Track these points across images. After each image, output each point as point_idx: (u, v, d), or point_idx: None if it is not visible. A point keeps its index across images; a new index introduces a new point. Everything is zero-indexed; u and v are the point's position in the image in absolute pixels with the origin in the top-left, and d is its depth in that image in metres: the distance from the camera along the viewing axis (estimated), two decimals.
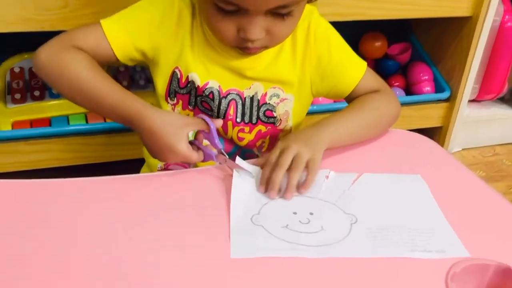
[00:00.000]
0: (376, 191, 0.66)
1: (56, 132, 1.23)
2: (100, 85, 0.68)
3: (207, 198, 0.63)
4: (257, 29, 0.64)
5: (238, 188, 0.63)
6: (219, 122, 0.71)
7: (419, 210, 0.63)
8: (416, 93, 1.57)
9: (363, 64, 0.80)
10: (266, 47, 0.69)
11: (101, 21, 0.72)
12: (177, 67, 0.74)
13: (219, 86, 0.75)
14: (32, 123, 1.25)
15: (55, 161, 1.26)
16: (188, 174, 0.69)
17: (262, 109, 0.77)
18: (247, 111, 0.77)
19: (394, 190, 0.66)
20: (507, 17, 1.47)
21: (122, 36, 0.71)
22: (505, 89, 1.62)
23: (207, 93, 0.74)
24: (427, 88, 1.56)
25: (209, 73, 0.74)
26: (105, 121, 1.28)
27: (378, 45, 1.63)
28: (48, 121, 1.27)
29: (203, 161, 0.68)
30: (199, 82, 0.74)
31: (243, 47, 0.68)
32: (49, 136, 1.23)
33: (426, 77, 1.57)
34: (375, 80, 0.81)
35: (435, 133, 1.65)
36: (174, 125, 0.65)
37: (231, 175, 0.65)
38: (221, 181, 0.66)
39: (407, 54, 1.62)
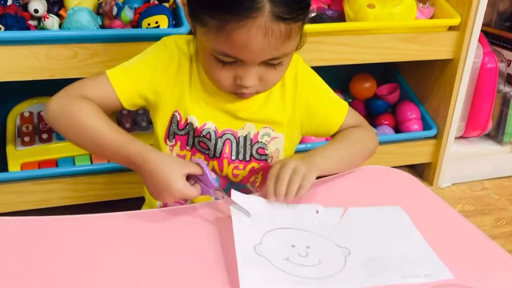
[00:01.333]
0: (363, 224, 0.71)
1: (63, 173, 1.30)
2: (105, 131, 0.73)
3: (207, 232, 0.67)
4: (252, 77, 0.73)
5: (239, 221, 0.67)
6: (214, 175, 0.77)
7: (403, 238, 0.68)
8: (405, 131, 1.63)
9: (345, 104, 0.90)
10: (257, 92, 0.78)
11: (107, 71, 0.78)
12: (176, 111, 0.81)
13: (215, 127, 0.81)
14: (40, 164, 1.32)
15: (62, 200, 1.31)
16: (186, 210, 0.74)
17: (255, 147, 0.84)
18: (241, 150, 0.83)
19: (379, 222, 0.72)
20: (486, 59, 1.56)
21: (127, 85, 0.78)
22: (490, 126, 1.68)
23: (205, 134, 0.81)
24: (415, 126, 1.63)
25: (206, 115, 0.81)
26: (108, 161, 1.35)
27: (367, 86, 1.72)
28: (55, 162, 1.34)
29: (201, 194, 0.72)
30: (197, 124, 0.81)
31: (238, 93, 0.76)
32: (56, 176, 1.29)
33: (414, 116, 1.63)
34: (356, 117, 0.91)
35: (425, 169, 1.71)
36: (172, 166, 0.70)
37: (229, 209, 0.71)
38: (220, 215, 0.71)
39: (396, 94, 1.70)
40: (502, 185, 1.72)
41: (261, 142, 0.84)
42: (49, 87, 1.34)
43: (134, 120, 1.45)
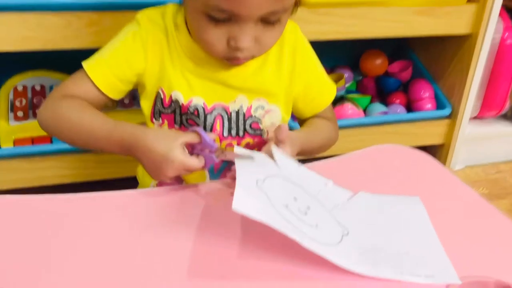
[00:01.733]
0: (372, 210, 0.64)
1: (57, 150, 1.24)
2: (92, 122, 0.70)
3: (203, 213, 0.62)
4: (247, 37, 0.66)
5: (243, 165, 0.60)
6: (211, 135, 0.71)
7: (413, 233, 0.61)
8: (418, 110, 1.57)
9: (334, 85, 0.86)
10: (253, 56, 0.71)
11: (84, 65, 0.74)
12: (160, 88, 0.76)
13: (203, 103, 0.76)
14: (34, 141, 1.26)
15: (56, 178, 1.26)
16: (182, 190, 0.68)
17: (248, 122, 0.78)
18: (234, 125, 0.78)
19: (390, 211, 0.64)
20: (507, 34, 1.48)
21: (107, 77, 0.74)
22: (507, 106, 1.61)
23: (192, 111, 0.76)
24: (429, 105, 1.56)
25: (192, 89, 0.75)
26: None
27: (378, 63, 1.64)
28: (50, 139, 1.27)
29: (204, 167, 0.67)
30: (182, 100, 0.75)
31: (232, 58, 0.70)
32: (50, 153, 1.23)
33: (427, 95, 1.56)
34: (332, 108, 0.88)
35: (437, 150, 1.64)
36: (166, 137, 0.66)
37: (229, 189, 0.66)
38: (218, 196, 0.66)
39: (408, 72, 1.63)
40: None
41: (254, 116, 0.78)
42: (44, 60, 1.31)
43: (133, 95, 1.39)
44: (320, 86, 0.84)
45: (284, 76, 0.78)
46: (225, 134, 0.78)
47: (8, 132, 1.25)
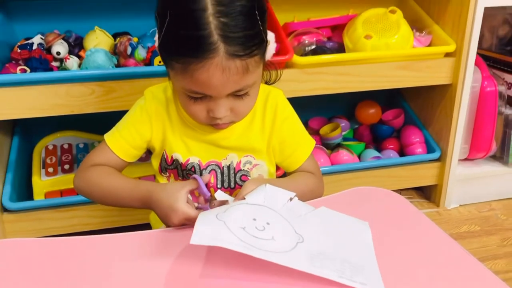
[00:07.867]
0: (327, 223, 0.74)
1: (83, 201, 1.38)
2: (118, 184, 0.86)
3: (205, 256, 0.67)
4: (222, 109, 0.78)
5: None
6: (206, 177, 0.83)
7: (356, 248, 0.70)
8: (409, 155, 1.67)
9: (312, 142, 0.96)
10: (232, 122, 0.84)
11: (106, 139, 0.91)
12: (164, 149, 0.92)
13: (199, 161, 0.90)
14: (62, 193, 1.41)
15: (82, 226, 1.40)
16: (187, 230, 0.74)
17: (238, 175, 0.92)
18: (226, 178, 0.92)
19: (342, 226, 0.75)
20: (485, 83, 1.60)
21: (124, 146, 0.90)
22: (494, 148, 1.70)
23: (190, 167, 0.91)
24: (419, 150, 1.66)
25: (189, 150, 0.90)
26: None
27: (372, 112, 1.78)
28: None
29: None
30: (182, 160, 0.90)
31: (214, 124, 0.83)
32: (76, 204, 1.38)
33: (418, 139, 1.67)
34: (315, 164, 0.96)
35: (432, 190, 1.74)
36: (171, 189, 0.78)
37: None
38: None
39: (400, 119, 1.74)
40: (510, 206, 1.74)
41: (243, 170, 0.92)
42: (71, 122, 1.50)
43: (149, 150, 1.54)
44: (295, 144, 0.93)
45: (266, 134, 0.91)
46: (219, 185, 0.92)
47: (40, 186, 1.41)
